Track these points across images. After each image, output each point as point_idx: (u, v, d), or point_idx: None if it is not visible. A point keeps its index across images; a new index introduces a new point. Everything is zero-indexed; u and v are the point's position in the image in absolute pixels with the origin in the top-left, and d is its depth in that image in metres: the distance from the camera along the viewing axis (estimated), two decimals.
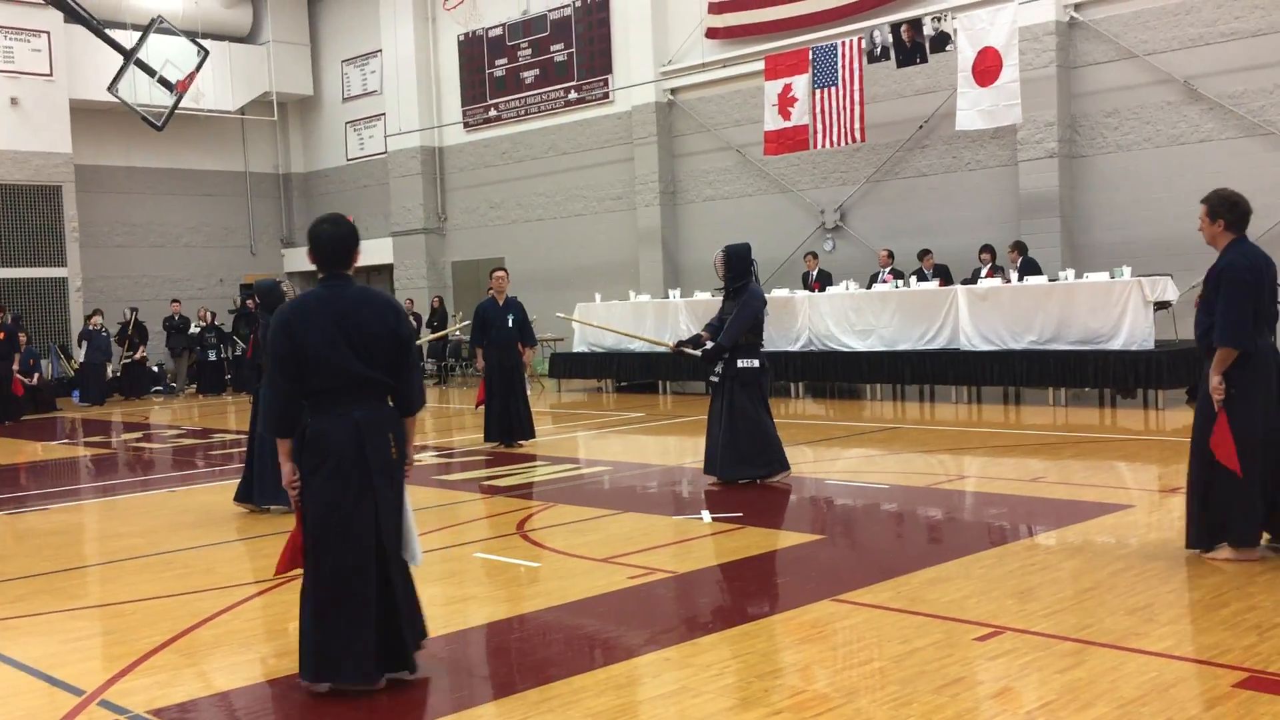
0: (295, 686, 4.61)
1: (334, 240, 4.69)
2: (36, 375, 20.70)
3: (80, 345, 22.05)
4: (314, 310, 4.55)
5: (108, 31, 20.64)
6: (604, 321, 18.34)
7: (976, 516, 7.85)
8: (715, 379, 9.03)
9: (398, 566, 4.59)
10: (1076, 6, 16.21)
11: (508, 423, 12.00)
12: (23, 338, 20.65)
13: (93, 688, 4.69)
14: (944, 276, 16.13)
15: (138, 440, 14.93)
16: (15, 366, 19.03)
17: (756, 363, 8.92)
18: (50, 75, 23.53)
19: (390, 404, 4.65)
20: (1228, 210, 5.97)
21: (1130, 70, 15.79)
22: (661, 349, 10.28)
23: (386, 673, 4.51)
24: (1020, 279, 14.56)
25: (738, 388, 8.87)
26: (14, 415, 18.57)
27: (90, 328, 21.71)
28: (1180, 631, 4.84)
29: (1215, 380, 5.82)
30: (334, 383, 4.50)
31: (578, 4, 22.42)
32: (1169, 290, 13.52)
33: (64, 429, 17.27)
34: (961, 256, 16.42)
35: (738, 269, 8.99)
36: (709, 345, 9.04)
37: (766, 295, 9.45)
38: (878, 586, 5.73)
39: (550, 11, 22.91)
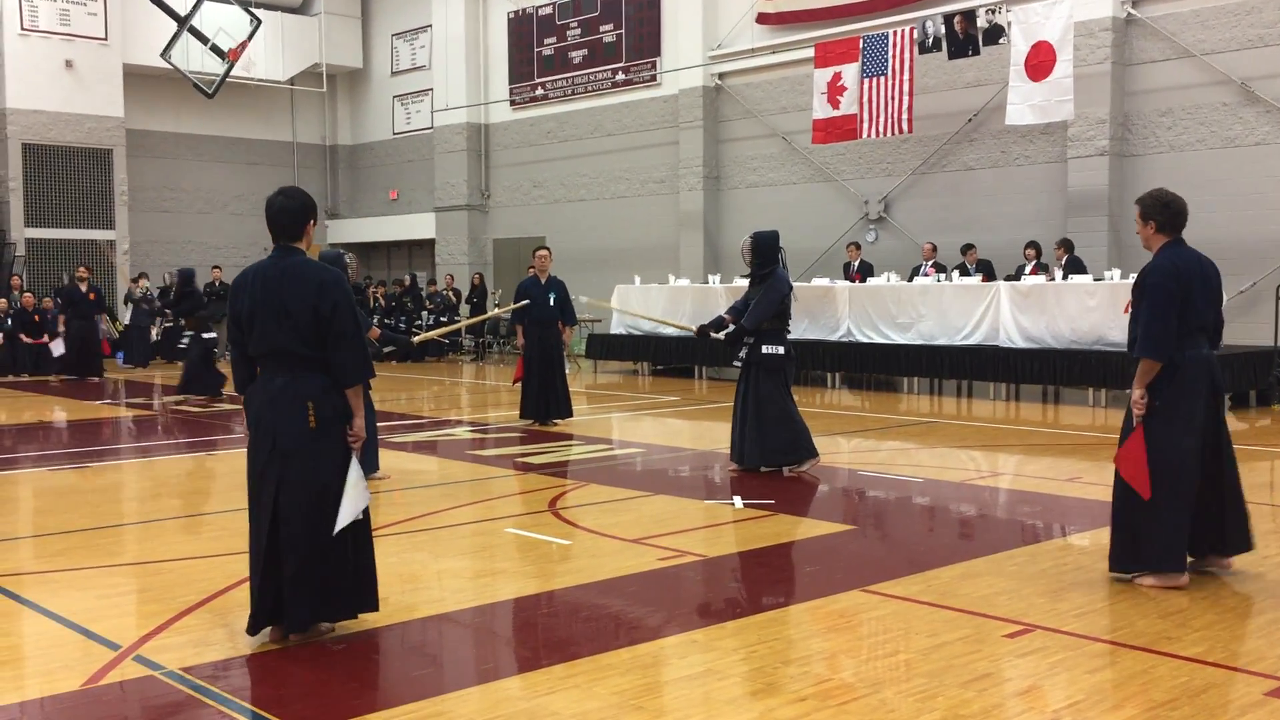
0: (325, 651, 4.67)
1: (283, 213, 4.86)
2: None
3: (126, 307, 22.33)
4: (250, 280, 4.81)
5: None
6: (634, 305, 18.36)
7: (1010, 514, 7.80)
8: (739, 364, 8.99)
9: (299, 532, 4.67)
10: (1134, 3, 15.98)
11: (545, 401, 12.03)
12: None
13: (128, 643, 4.77)
14: (987, 272, 15.99)
15: (178, 403, 15.11)
16: (104, 325, 19.63)
17: (782, 350, 8.87)
18: (105, 39, 23.78)
19: (326, 375, 4.76)
20: (1159, 211, 5.59)
21: (1186, 69, 15.55)
22: (686, 334, 10.22)
23: (265, 626, 4.75)
24: (1065, 277, 14.40)
25: (763, 375, 8.84)
26: (98, 371, 19.04)
27: (136, 291, 21.98)
28: (1213, 637, 4.78)
29: (1136, 393, 5.46)
30: (261, 350, 4.76)
31: None
32: None
33: (108, 390, 17.52)
34: (1006, 252, 16.26)
35: (765, 255, 8.93)
36: (731, 328, 9.01)
37: (807, 283, 9.40)
38: (908, 579, 5.71)
39: None
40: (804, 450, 8.91)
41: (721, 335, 9.13)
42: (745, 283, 17.46)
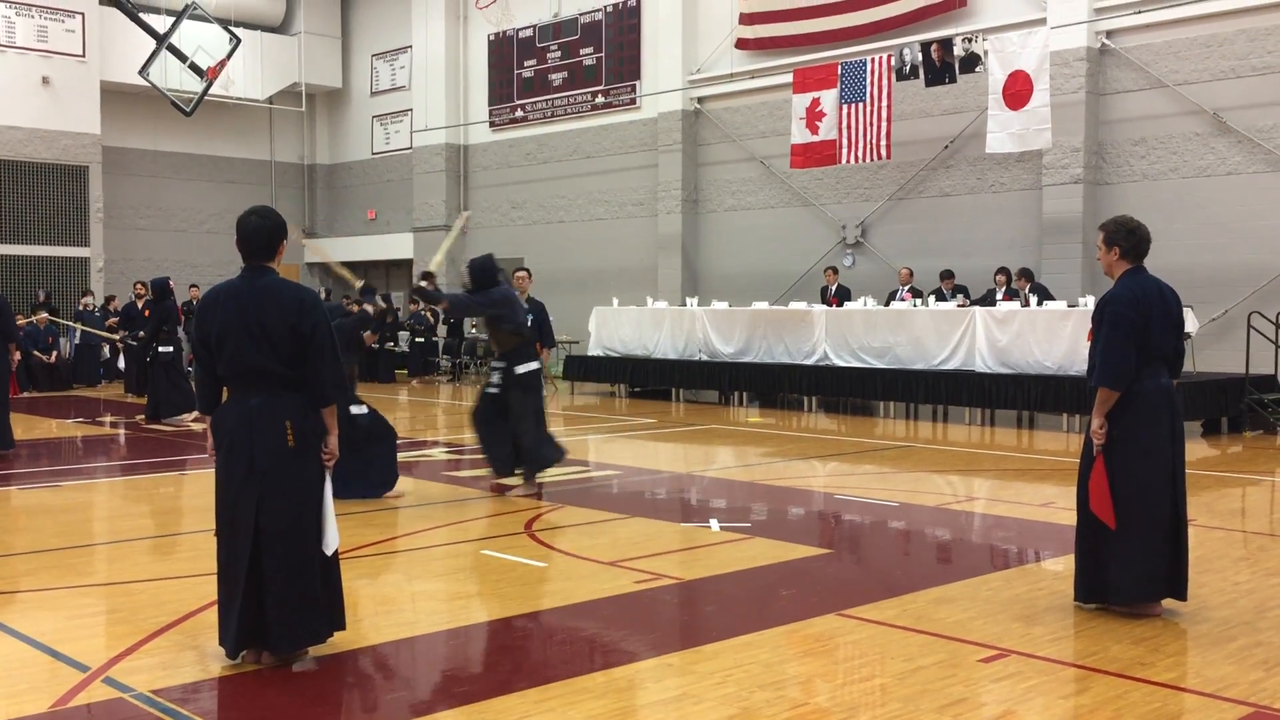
0: (296, 674, 4.63)
1: (259, 232, 4.83)
2: (54, 354, 20.83)
3: (76, 325, 22.11)
4: (222, 299, 4.76)
5: (141, 15, 20.81)
6: (611, 327, 18.39)
7: (985, 538, 7.82)
8: (494, 390, 9.09)
9: (282, 553, 4.66)
10: (1108, 34, 16.18)
11: None
12: (43, 316, 20.78)
13: (97, 665, 4.71)
14: (963, 297, 16.09)
15: (151, 422, 14.97)
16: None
17: (535, 365, 9.11)
18: (83, 56, 23.69)
19: (301, 394, 4.76)
20: (1123, 237, 5.58)
21: (1159, 99, 15.74)
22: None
23: (246, 649, 4.70)
24: (1040, 303, 14.51)
25: (519, 392, 8.99)
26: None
27: (110, 310, 21.79)
28: (1186, 663, 4.81)
29: (1096, 423, 5.41)
30: (234, 369, 4.72)
31: (609, 9, 22.47)
32: (1189, 322, 13.45)
33: (78, 408, 17.35)
34: (981, 278, 16.39)
35: (480, 280, 9.06)
36: (426, 285, 9.13)
37: (784, 306, 9.47)
38: (883, 603, 5.71)
39: (581, 15, 22.97)
40: (558, 452, 9.23)
41: (424, 283, 9.22)
42: (724, 305, 17.67)
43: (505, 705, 4.28)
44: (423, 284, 9.23)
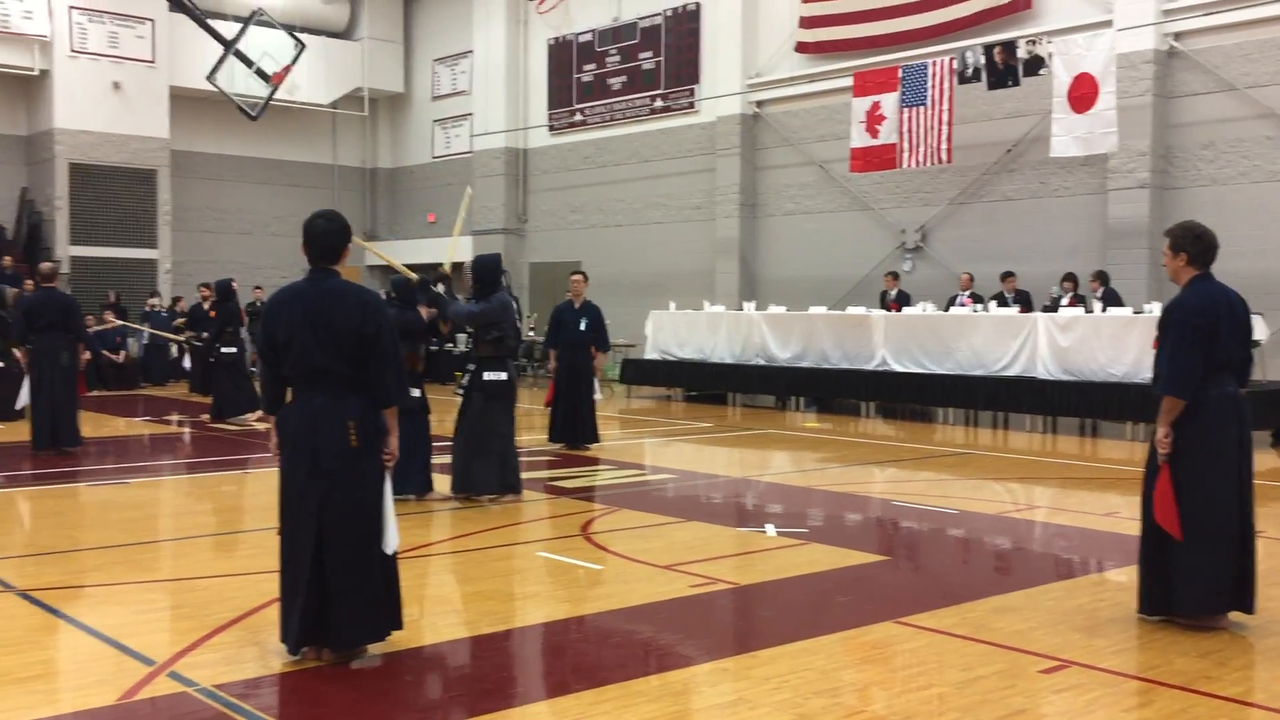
0: (355, 672, 4.69)
1: (326, 235, 4.91)
2: (123, 353, 21.27)
3: (144, 325, 22.53)
4: (288, 301, 4.85)
5: (209, 22, 21.19)
6: (667, 332, 18.39)
7: (1046, 547, 7.71)
8: (460, 392, 8.91)
9: (344, 551, 4.71)
10: (1177, 35, 15.88)
11: (571, 425, 12.08)
12: (110, 315, 21.23)
13: (162, 659, 4.80)
14: (1025, 303, 15.88)
15: (215, 421, 15.24)
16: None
17: (504, 375, 8.82)
18: (152, 62, 24.19)
19: (363, 394, 4.81)
20: (1190, 243, 5.48)
21: (1229, 103, 15.42)
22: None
23: (307, 646, 4.76)
24: (1105, 309, 14.27)
25: (484, 400, 8.77)
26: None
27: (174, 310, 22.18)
28: (1253, 678, 4.70)
29: (1161, 432, 5.31)
30: (299, 370, 4.79)
31: (668, 13, 22.48)
32: (1259, 329, 13.15)
33: (145, 407, 17.70)
34: (1044, 283, 16.13)
35: (485, 280, 8.88)
36: (439, 289, 8.82)
37: (842, 312, 9.28)
38: (942, 611, 5.65)
39: (641, 20, 23.01)
40: (508, 486, 8.76)
41: (438, 286, 8.89)
42: (782, 309, 17.62)
43: (560, 707, 4.29)
44: (436, 288, 9.00)
